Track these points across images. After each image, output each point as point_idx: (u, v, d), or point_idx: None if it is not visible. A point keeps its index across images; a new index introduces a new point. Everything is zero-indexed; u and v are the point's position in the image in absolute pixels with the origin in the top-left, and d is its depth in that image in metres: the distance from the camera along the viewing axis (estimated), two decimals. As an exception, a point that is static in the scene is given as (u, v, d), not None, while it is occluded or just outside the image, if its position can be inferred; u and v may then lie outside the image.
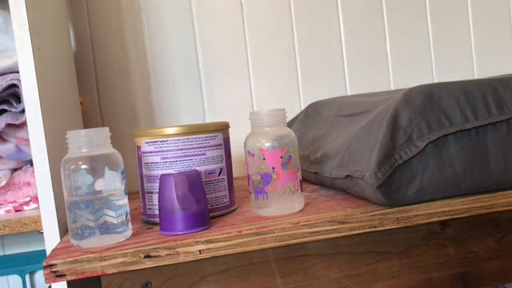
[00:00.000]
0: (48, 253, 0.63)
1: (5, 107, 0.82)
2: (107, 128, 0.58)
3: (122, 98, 1.02)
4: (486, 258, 0.66)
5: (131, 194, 0.95)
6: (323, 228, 0.58)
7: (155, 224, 0.63)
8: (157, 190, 0.61)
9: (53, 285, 0.62)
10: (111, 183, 0.56)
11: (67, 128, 0.79)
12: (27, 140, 0.79)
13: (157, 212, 0.61)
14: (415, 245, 0.64)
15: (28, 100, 0.65)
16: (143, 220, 0.66)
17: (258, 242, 0.56)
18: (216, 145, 0.65)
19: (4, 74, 0.83)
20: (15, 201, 0.86)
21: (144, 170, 0.65)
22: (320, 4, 1.12)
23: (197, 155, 0.64)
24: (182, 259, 0.55)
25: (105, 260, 0.53)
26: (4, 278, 1.10)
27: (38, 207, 0.70)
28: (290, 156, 0.62)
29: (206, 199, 0.61)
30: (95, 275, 0.53)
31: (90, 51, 1.01)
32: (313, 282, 0.61)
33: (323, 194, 0.72)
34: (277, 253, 0.60)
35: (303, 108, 1.04)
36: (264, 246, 0.56)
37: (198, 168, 0.63)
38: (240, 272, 0.60)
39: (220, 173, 0.66)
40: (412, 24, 1.17)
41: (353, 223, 0.58)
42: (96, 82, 1.01)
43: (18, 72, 0.65)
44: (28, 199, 0.86)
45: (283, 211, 0.62)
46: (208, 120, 1.06)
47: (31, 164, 0.87)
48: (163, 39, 1.04)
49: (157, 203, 0.62)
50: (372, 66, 1.14)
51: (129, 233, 0.58)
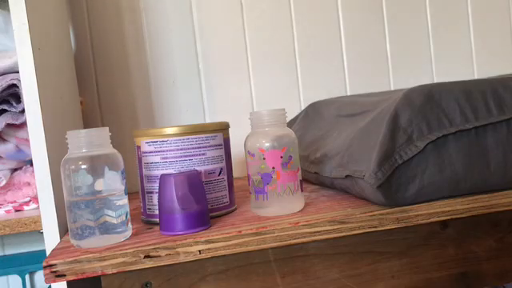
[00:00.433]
0: (48, 253, 0.63)
1: (5, 107, 0.82)
2: (107, 128, 0.58)
3: (122, 98, 1.02)
4: (486, 258, 0.66)
5: (131, 194, 0.95)
6: (323, 228, 0.58)
7: (155, 224, 0.63)
8: (157, 190, 0.61)
9: (53, 285, 0.62)
10: (111, 183, 0.56)
11: (67, 128, 0.79)
12: (27, 140, 0.79)
13: (157, 212, 0.61)
14: (415, 245, 0.64)
15: (28, 100, 0.65)
16: (143, 220, 0.66)
17: (258, 242, 0.56)
18: (216, 145, 0.65)
19: (4, 74, 0.83)
20: (15, 201, 0.86)
21: (144, 170, 0.65)
22: (320, 4, 1.12)
23: (197, 155, 0.64)
24: (182, 259, 0.55)
25: (105, 260, 0.53)
26: (4, 278, 1.10)
27: (38, 207, 0.70)
28: (290, 156, 0.62)
29: (206, 199, 0.61)
30: (95, 275, 0.53)
31: (90, 51, 1.01)
32: (313, 282, 0.61)
33: (323, 194, 0.72)
34: (277, 253, 0.60)
35: (303, 108, 1.04)
36: (264, 246, 0.56)
37: (198, 168, 0.63)
38: (240, 272, 0.60)
39: (220, 173, 0.66)
40: (412, 24, 1.17)
41: (353, 223, 0.58)
42: (96, 82, 1.01)
43: (18, 72, 0.65)
44: (28, 199, 0.86)
45: (283, 211, 0.62)
46: (208, 120, 1.06)
47: (31, 164, 0.87)
48: (163, 39, 1.04)
49: (157, 203, 0.62)
50: (372, 66, 1.14)
51: (129, 233, 0.58)
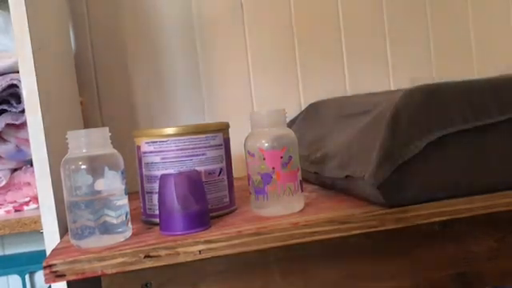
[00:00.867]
0: (48, 253, 0.63)
1: (5, 107, 0.82)
2: (107, 128, 0.58)
3: (122, 98, 1.02)
4: (486, 258, 0.66)
5: (131, 194, 0.94)
6: (323, 228, 0.58)
7: (155, 224, 0.63)
8: (157, 190, 0.61)
9: (53, 285, 0.62)
10: (111, 183, 0.56)
11: (67, 128, 0.79)
12: (27, 140, 0.79)
13: (157, 212, 0.61)
14: (415, 245, 0.64)
15: (28, 100, 0.65)
16: (143, 220, 0.66)
17: (258, 242, 0.56)
18: (216, 145, 0.65)
19: (4, 74, 0.83)
20: (15, 201, 0.86)
21: (144, 170, 0.65)
22: (320, 4, 1.11)
23: (197, 155, 0.64)
24: (182, 259, 0.55)
25: (105, 260, 0.53)
26: (4, 278, 1.10)
27: (38, 207, 0.70)
28: (290, 156, 0.62)
29: (206, 199, 0.61)
30: (95, 275, 0.53)
31: (90, 51, 1.01)
32: (313, 282, 0.61)
33: (323, 194, 0.72)
34: (277, 253, 0.60)
35: (303, 108, 1.04)
36: (264, 246, 0.56)
37: (198, 168, 0.63)
38: (240, 272, 0.60)
39: (220, 173, 0.66)
40: (412, 24, 1.17)
41: (353, 223, 0.58)
42: (96, 82, 1.01)
43: (18, 72, 0.65)
44: (28, 199, 0.86)
45: (283, 211, 0.62)
46: (208, 120, 1.06)
47: (31, 164, 0.87)
48: (163, 39, 1.04)
49: (157, 203, 0.62)
50: (372, 66, 1.14)
51: (129, 233, 0.58)
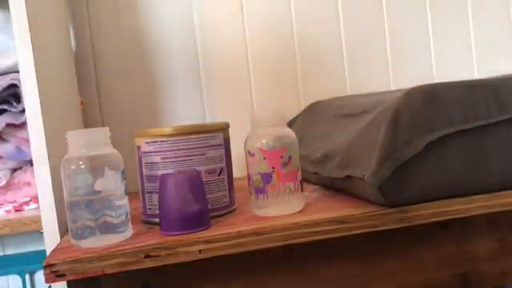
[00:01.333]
0: (48, 253, 0.63)
1: (5, 107, 0.83)
2: (107, 128, 0.58)
3: (122, 98, 1.02)
4: (486, 258, 0.66)
5: (131, 194, 0.94)
6: (323, 228, 0.58)
7: (155, 224, 0.63)
8: (157, 190, 0.61)
9: (53, 285, 0.62)
10: (111, 183, 0.56)
11: (67, 128, 0.79)
12: (27, 140, 0.79)
13: (157, 212, 0.61)
14: (415, 245, 0.64)
15: (28, 100, 0.65)
16: (143, 220, 0.66)
17: (258, 242, 0.56)
18: (216, 145, 0.65)
19: (4, 74, 0.83)
20: (15, 201, 0.86)
21: (144, 170, 0.65)
22: (320, 4, 1.11)
23: (197, 155, 0.64)
24: (182, 259, 0.55)
25: (105, 260, 0.53)
26: (4, 278, 1.10)
27: (38, 207, 0.70)
28: (290, 156, 0.62)
29: (206, 199, 0.61)
30: (95, 275, 0.53)
31: (90, 51, 1.01)
32: (313, 282, 0.61)
33: (323, 194, 0.72)
34: (277, 253, 0.60)
35: (303, 108, 1.04)
36: (264, 246, 0.56)
37: (198, 168, 0.63)
38: (240, 272, 0.60)
39: (220, 173, 0.66)
40: (412, 24, 1.17)
41: (353, 223, 0.58)
42: (96, 82, 1.01)
43: (18, 72, 0.65)
44: (28, 199, 0.86)
45: (283, 211, 0.62)
46: (208, 120, 1.06)
47: (31, 164, 0.87)
48: (163, 39, 1.04)
49: (157, 203, 0.62)
50: (372, 66, 1.14)
51: (129, 233, 0.58)
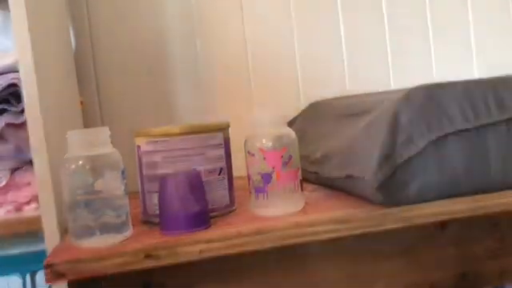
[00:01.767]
0: (48, 253, 0.63)
1: (5, 107, 0.82)
2: (107, 128, 0.58)
3: (122, 98, 1.02)
4: (486, 258, 0.66)
5: (131, 194, 0.94)
6: (323, 228, 0.58)
7: (155, 224, 0.63)
8: (157, 190, 0.61)
9: (53, 285, 0.62)
10: (111, 183, 0.56)
11: (67, 128, 0.79)
12: (27, 140, 0.79)
13: (157, 212, 0.61)
14: (415, 245, 0.64)
15: (28, 100, 0.65)
16: (143, 220, 0.66)
17: (258, 242, 0.56)
18: (216, 145, 0.65)
19: (4, 74, 0.83)
20: (15, 201, 0.86)
21: (144, 170, 0.65)
22: (320, 4, 1.11)
23: (197, 155, 0.64)
24: (182, 259, 0.55)
25: (105, 260, 0.53)
26: (4, 278, 1.10)
27: (38, 207, 0.70)
28: (290, 156, 0.62)
29: (206, 199, 0.61)
30: (95, 275, 0.53)
31: (90, 51, 1.01)
32: (313, 282, 0.61)
33: (323, 194, 0.72)
34: (277, 253, 0.60)
35: (303, 108, 1.04)
36: (264, 246, 0.56)
37: (198, 168, 0.63)
38: (240, 272, 0.60)
39: (220, 173, 0.66)
40: (412, 24, 1.17)
41: (353, 223, 0.58)
42: (96, 82, 1.01)
43: (18, 71, 0.65)
44: (28, 199, 0.86)
45: (283, 211, 0.62)
46: (208, 120, 1.06)
47: (31, 164, 0.87)
48: (163, 39, 1.04)
49: (157, 203, 0.62)
50: (372, 66, 1.14)
51: (129, 233, 0.58)
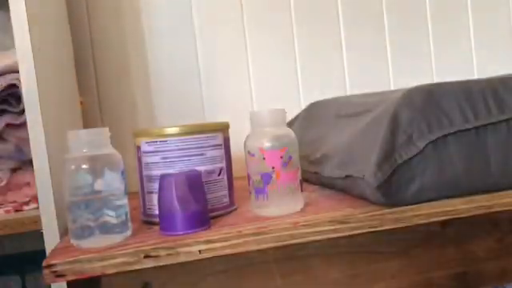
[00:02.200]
0: (48, 253, 0.63)
1: (5, 107, 0.83)
2: (107, 128, 0.58)
3: (122, 98, 1.02)
4: (486, 258, 0.66)
5: (131, 194, 0.94)
6: (323, 228, 0.58)
7: (155, 224, 0.63)
8: (157, 190, 0.61)
9: (53, 285, 0.62)
10: (111, 183, 0.56)
11: (67, 128, 0.79)
12: (27, 140, 0.79)
13: (157, 212, 0.61)
14: (415, 245, 0.64)
15: (28, 100, 0.65)
16: (143, 220, 0.66)
17: (258, 242, 0.56)
18: (216, 145, 0.65)
19: (4, 74, 0.83)
20: (15, 201, 0.86)
21: (144, 170, 0.65)
22: (320, 4, 1.11)
23: (197, 155, 0.64)
24: (182, 259, 0.55)
25: (105, 260, 0.53)
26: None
27: (38, 207, 0.70)
28: (290, 156, 0.62)
29: (206, 199, 0.61)
30: (95, 275, 0.53)
31: (90, 51, 1.01)
32: (313, 282, 0.61)
33: (323, 194, 0.72)
34: (277, 253, 0.60)
35: (303, 108, 1.04)
36: (264, 246, 0.56)
37: (198, 168, 0.63)
38: (240, 272, 0.60)
39: (220, 173, 0.66)
40: (412, 24, 1.17)
41: (353, 223, 0.58)
42: (96, 82, 1.01)
43: (18, 72, 0.65)
44: (28, 199, 0.86)
45: (283, 211, 0.62)
46: (208, 120, 1.06)
47: (31, 164, 0.87)
48: (163, 39, 1.04)
49: (157, 203, 0.62)
50: (372, 66, 1.14)
51: (129, 233, 0.58)
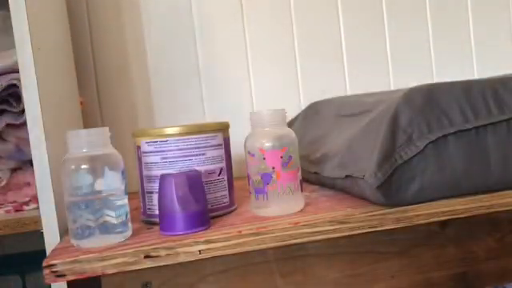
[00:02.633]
0: (48, 253, 0.63)
1: (5, 107, 0.83)
2: (107, 128, 0.58)
3: (122, 98, 1.02)
4: (486, 258, 0.66)
5: (131, 194, 0.94)
6: (323, 228, 0.58)
7: (155, 224, 0.63)
8: (157, 190, 0.61)
9: (53, 285, 0.62)
10: (111, 183, 0.56)
11: (67, 128, 0.79)
12: (27, 140, 0.79)
13: (157, 212, 0.61)
14: (415, 245, 0.64)
15: (28, 100, 0.65)
16: (143, 220, 0.66)
17: (258, 242, 0.56)
18: (216, 145, 0.65)
19: (4, 74, 0.83)
20: (15, 201, 0.86)
21: (144, 170, 0.65)
22: (320, 4, 1.11)
23: (197, 155, 0.64)
24: (182, 259, 0.55)
25: (105, 260, 0.53)
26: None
27: (38, 207, 0.70)
28: (290, 156, 0.62)
29: (206, 199, 0.61)
30: (95, 275, 0.53)
31: (90, 51, 1.01)
32: (313, 282, 0.61)
33: (323, 194, 0.72)
34: (277, 253, 0.60)
35: (303, 108, 1.04)
36: (264, 246, 0.56)
37: (198, 168, 0.63)
38: (240, 272, 0.60)
39: (220, 173, 0.66)
40: (412, 24, 1.17)
41: (353, 223, 0.58)
42: (96, 82, 1.01)
43: (18, 72, 0.65)
44: (28, 199, 0.86)
45: (283, 211, 0.62)
46: (208, 120, 1.06)
47: (31, 164, 0.87)
48: (163, 39, 1.04)
49: (157, 203, 0.62)
50: (372, 66, 1.14)
51: (129, 233, 0.58)
